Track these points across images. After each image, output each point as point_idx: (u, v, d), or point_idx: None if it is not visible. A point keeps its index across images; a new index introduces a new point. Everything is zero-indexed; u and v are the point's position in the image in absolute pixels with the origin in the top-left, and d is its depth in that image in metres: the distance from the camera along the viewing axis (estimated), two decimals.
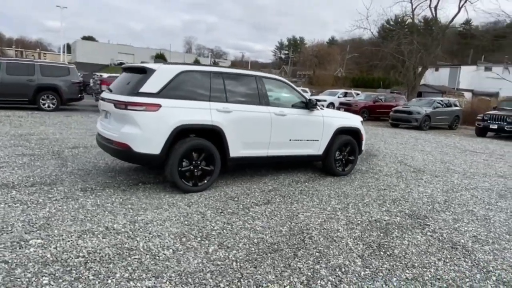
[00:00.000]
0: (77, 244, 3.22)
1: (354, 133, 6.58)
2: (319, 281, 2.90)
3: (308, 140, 5.97)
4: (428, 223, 4.38)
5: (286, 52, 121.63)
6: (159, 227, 3.71)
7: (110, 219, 3.82)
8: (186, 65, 5.02)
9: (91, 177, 5.27)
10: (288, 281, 2.87)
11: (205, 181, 4.97)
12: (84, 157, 6.49)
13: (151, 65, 4.81)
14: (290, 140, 5.76)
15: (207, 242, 3.46)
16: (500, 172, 7.93)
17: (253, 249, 3.39)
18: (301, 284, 2.85)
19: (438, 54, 25.14)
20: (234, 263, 3.09)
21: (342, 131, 6.34)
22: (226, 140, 5.00)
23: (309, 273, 3.01)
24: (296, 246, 3.51)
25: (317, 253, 3.38)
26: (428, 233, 4.06)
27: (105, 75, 23.64)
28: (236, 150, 5.14)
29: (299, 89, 6.07)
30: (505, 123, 14.98)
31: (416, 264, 3.30)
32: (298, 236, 3.73)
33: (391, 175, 6.83)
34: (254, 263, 3.12)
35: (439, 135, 15.57)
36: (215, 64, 66.96)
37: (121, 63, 73.86)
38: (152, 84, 4.59)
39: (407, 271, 3.18)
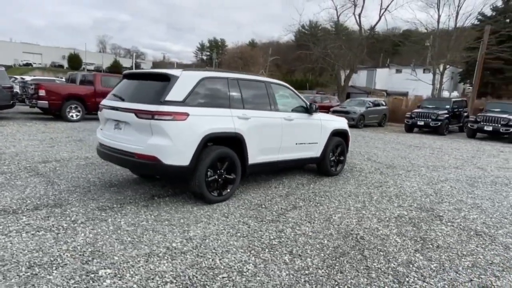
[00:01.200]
0: (151, 269, 2.96)
1: (343, 134, 6.96)
2: (406, 278, 3.09)
3: (310, 143, 6.16)
4: (440, 214, 4.87)
5: (208, 53, 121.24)
6: (218, 241, 3.56)
7: (160, 238, 3.56)
8: (206, 71, 4.84)
9: (97, 195, 4.79)
10: (382, 282, 3.01)
11: (228, 190, 4.86)
12: (66, 172, 5.83)
13: (172, 71, 4.54)
14: (296, 144, 5.89)
15: (277, 252, 3.43)
16: (453, 164, 9.02)
17: (322, 254, 3.45)
18: (393, 283, 3.01)
19: (364, 57, 27.41)
20: (320, 271, 3.13)
21: (335, 133, 6.66)
22: (246, 147, 4.94)
23: (391, 272, 3.18)
24: (357, 247, 3.66)
25: (380, 252, 3.57)
26: (448, 224, 4.53)
27: (27, 78, 21.19)
28: (254, 156, 5.12)
29: (300, 94, 6.22)
30: (430, 120, 16.96)
31: (464, 252, 3.68)
32: (350, 238, 3.89)
33: (373, 172, 7.36)
34: (336, 268, 3.19)
35: (376, 132, 17.02)
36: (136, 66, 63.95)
37: (28, 64, 66.53)
38: (177, 92, 4.35)
39: (463, 259, 3.53)
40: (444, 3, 30.39)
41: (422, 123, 17.20)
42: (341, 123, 6.93)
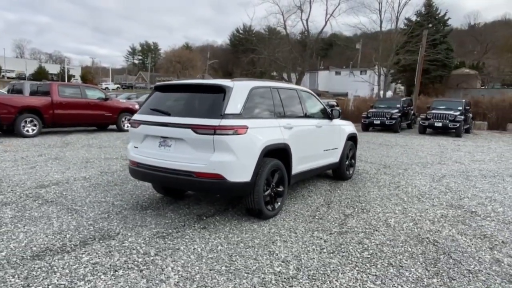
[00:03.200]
0: None
1: (354, 138, 7.10)
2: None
3: (333, 149, 6.19)
4: (472, 210, 5.18)
5: (140, 57, 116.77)
6: (314, 261, 3.39)
7: (255, 264, 3.29)
8: (253, 81, 4.61)
9: (139, 220, 4.31)
10: (497, 284, 3.09)
11: (279, 203, 4.68)
12: (79, 197, 5.16)
13: (225, 82, 4.24)
14: (324, 150, 5.88)
15: (379, 266, 3.36)
16: (434, 160, 9.69)
17: (419, 263, 3.46)
18: (506, 282, 3.11)
19: (313, 61, 28.40)
20: (434, 280, 3.13)
21: (349, 138, 6.77)
22: (291, 157, 4.81)
23: (493, 273, 3.29)
24: (441, 251, 3.72)
25: (465, 254, 3.68)
26: (488, 219, 4.83)
27: None
28: (295, 166, 4.99)
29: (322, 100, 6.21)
30: (385, 118, 18.08)
31: None
32: (426, 243, 3.95)
33: (378, 174, 7.62)
34: (445, 275, 3.21)
35: None
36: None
37: None
38: (234, 104, 4.08)
39: None
40: (385, 9, 32.72)
41: (378, 122, 18.26)
42: (352, 127, 7.06)
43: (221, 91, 4.13)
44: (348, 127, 6.82)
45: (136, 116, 4.55)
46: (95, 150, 9.35)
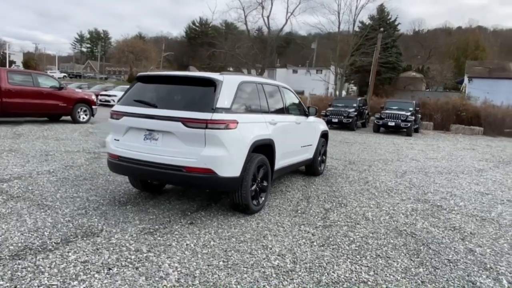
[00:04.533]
0: None
1: (326, 135, 7.30)
2: (488, 265, 3.50)
3: (309, 145, 6.33)
4: (438, 204, 5.56)
5: (89, 45, 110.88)
6: (308, 254, 3.47)
7: (251, 258, 3.30)
8: (241, 76, 4.57)
9: (122, 216, 4.13)
10: (475, 272, 3.36)
11: (263, 198, 4.71)
12: (47, 192, 4.83)
13: (214, 76, 4.16)
14: (301, 146, 5.99)
15: (368, 257, 3.51)
16: (392, 157, 10.24)
17: (403, 254, 3.66)
18: (483, 270, 3.39)
19: (273, 57, 28.65)
20: (420, 269, 3.33)
21: (322, 135, 6.95)
22: (275, 153, 4.85)
23: (471, 262, 3.57)
24: (420, 243, 3.96)
25: (442, 244, 3.95)
26: (453, 212, 5.20)
27: None
28: (277, 162, 5.05)
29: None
30: (343, 117, 18.74)
31: (494, 236, 4.31)
32: (405, 235, 4.19)
33: (345, 170, 7.90)
34: (429, 265, 3.43)
35: None
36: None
37: None
38: (224, 98, 4.03)
39: (500, 241, 4.13)
40: (343, 11, 33.76)
41: (336, 120, 18.89)
42: (324, 125, 7.26)
43: (211, 84, 4.06)
44: (321, 124, 7.01)
45: (118, 107, 4.34)
46: (52, 143, 8.76)
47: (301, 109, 6.18)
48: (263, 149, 4.62)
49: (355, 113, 19.02)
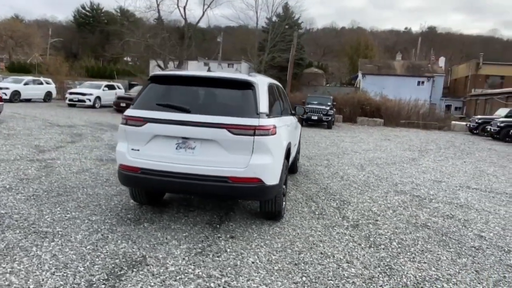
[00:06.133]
0: None
1: (300, 133, 7.43)
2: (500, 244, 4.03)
3: (295, 144, 6.36)
4: (416, 194, 6.14)
5: None
6: (375, 255, 3.53)
7: (325, 268, 3.22)
8: (265, 77, 4.34)
9: (150, 238, 3.62)
10: (491, 251, 3.83)
11: (285, 203, 4.60)
12: (32, 215, 3.96)
13: (249, 77, 3.87)
14: (294, 145, 5.99)
15: (403, 254, 3.73)
16: (335, 151, 10.93)
17: (438, 246, 3.98)
18: (501, 251, 3.88)
19: (192, 49, 27.67)
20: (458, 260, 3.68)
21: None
22: (290, 156, 4.79)
23: (482, 246, 4.06)
24: (440, 233, 4.35)
25: (454, 234, 4.39)
26: (434, 201, 5.82)
27: None
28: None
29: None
30: (322, 115, 18.98)
31: (483, 220, 4.96)
32: (421, 228, 4.55)
33: (309, 166, 8.18)
34: (461, 252, 3.81)
35: None
36: None
37: None
38: (263, 101, 3.82)
39: (492, 223, 4.77)
40: (261, 7, 34.22)
41: (316, 117, 18.86)
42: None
43: (249, 86, 3.79)
44: (298, 123, 7.11)
45: (136, 112, 3.74)
46: None
47: (290, 109, 6.18)
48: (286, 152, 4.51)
49: (333, 111, 19.63)
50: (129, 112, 3.80)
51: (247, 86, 3.80)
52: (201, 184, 3.59)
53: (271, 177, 3.74)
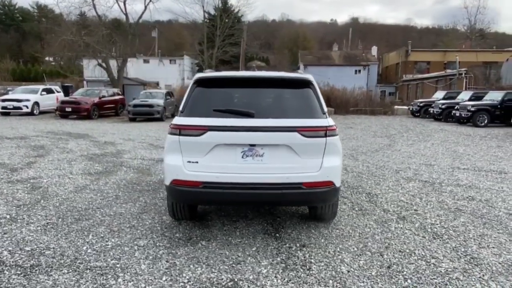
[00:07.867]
0: None
1: None
2: None
3: None
4: (427, 180, 6.38)
5: None
6: (429, 247, 3.54)
7: (419, 266, 3.16)
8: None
9: (222, 258, 3.27)
10: None
11: None
12: (73, 250, 3.39)
13: (305, 75, 3.63)
14: None
15: (446, 240, 3.83)
16: None
17: (480, 227, 4.14)
18: None
19: (136, 47, 26.00)
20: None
21: None
22: None
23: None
24: (478, 214, 4.53)
25: (485, 216, 4.61)
26: (450, 187, 6.08)
27: None
28: None
29: None
30: None
31: (494, 199, 5.28)
32: (458, 211, 4.70)
33: None
34: (505, 231, 4.00)
35: None
36: None
37: None
38: (323, 101, 3.62)
39: (503, 202, 5.09)
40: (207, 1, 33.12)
41: None
42: None
43: (308, 85, 3.57)
44: None
45: (193, 121, 3.32)
46: None
47: None
48: None
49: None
50: (182, 120, 3.37)
51: (306, 84, 3.58)
52: (273, 194, 3.32)
53: (339, 179, 3.58)
